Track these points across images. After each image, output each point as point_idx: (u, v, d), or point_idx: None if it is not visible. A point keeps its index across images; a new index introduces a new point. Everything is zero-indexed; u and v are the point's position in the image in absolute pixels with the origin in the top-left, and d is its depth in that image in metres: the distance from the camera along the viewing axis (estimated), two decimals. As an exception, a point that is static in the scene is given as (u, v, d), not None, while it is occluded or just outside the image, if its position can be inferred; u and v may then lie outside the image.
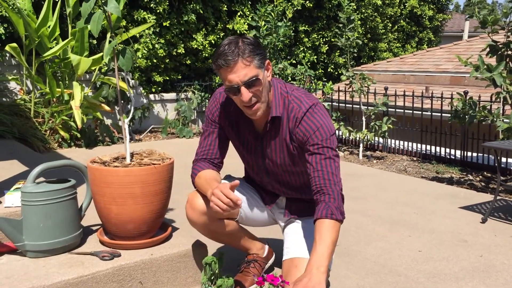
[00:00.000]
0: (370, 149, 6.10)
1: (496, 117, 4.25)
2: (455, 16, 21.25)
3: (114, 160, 2.11)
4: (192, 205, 2.05)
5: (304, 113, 1.91)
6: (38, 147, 5.34)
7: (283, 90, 1.97)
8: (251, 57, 1.79)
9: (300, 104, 1.93)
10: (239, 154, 2.18)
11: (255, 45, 1.82)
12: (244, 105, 1.85)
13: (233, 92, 1.83)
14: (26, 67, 5.69)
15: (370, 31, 10.42)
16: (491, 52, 4.31)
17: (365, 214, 3.43)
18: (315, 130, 1.88)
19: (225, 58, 1.77)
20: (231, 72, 1.79)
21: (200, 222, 2.06)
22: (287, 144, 1.99)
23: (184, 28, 7.65)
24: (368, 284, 2.34)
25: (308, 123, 1.90)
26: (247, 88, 1.80)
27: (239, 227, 2.21)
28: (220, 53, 1.79)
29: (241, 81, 1.79)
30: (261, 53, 1.83)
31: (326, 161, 1.85)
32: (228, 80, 1.81)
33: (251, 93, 1.81)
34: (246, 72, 1.78)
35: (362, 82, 5.76)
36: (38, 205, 1.93)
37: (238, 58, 1.77)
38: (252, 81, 1.80)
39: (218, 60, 1.79)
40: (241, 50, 1.78)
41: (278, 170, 2.09)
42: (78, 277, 1.83)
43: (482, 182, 4.52)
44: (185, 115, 7.24)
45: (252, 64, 1.79)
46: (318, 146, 1.87)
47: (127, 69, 2.05)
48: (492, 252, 2.75)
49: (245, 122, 2.04)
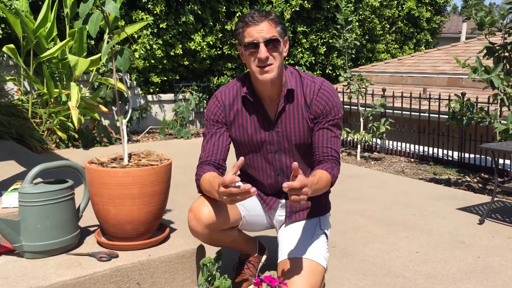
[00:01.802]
0: (368, 150, 6.11)
1: (494, 118, 4.25)
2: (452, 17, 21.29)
3: (112, 161, 2.11)
4: (196, 216, 1.99)
5: (320, 85, 2.06)
6: (35, 148, 5.33)
7: (293, 70, 2.10)
8: (275, 22, 1.95)
9: (314, 79, 2.08)
10: (242, 151, 2.14)
11: (280, 18, 1.99)
12: (258, 65, 1.93)
13: (252, 47, 1.92)
14: (23, 67, 5.68)
15: (368, 32, 10.44)
16: (488, 54, 4.32)
17: (363, 215, 3.43)
18: (334, 105, 2.04)
19: (253, 15, 1.92)
20: (255, 29, 1.91)
21: (204, 233, 2.01)
22: (304, 117, 2.05)
23: (182, 29, 7.65)
24: (366, 285, 2.34)
25: (326, 95, 2.05)
26: (266, 46, 1.91)
27: (239, 233, 2.21)
28: (247, 14, 1.95)
29: (263, 38, 1.90)
30: (284, 25, 1.99)
31: (334, 139, 2.04)
32: (250, 35, 1.92)
33: (268, 53, 1.92)
34: (268, 31, 1.91)
35: (360, 83, 5.77)
36: (36, 206, 1.93)
37: (265, 18, 1.93)
38: (272, 40, 1.91)
39: (245, 18, 1.94)
40: (267, 13, 1.95)
41: (291, 151, 2.08)
42: (75, 278, 1.83)
43: (479, 184, 4.52)
44: (183, 116, 7.24)
45: (275, 27, 1.94)
46: (332, 123, 2.04)
47: (124, 69, 2.05)
48: (490, 253, 2.75)
49: (256, 108, 2.06)
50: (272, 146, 2.08)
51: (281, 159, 2.10)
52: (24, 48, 5.72)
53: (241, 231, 2.24)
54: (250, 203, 2.17)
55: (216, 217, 1.97)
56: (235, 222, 2.10)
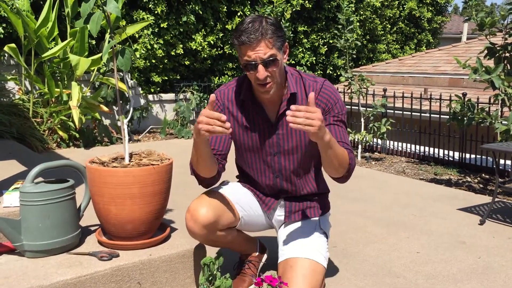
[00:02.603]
0: (368, 151, 6.10)
1: (495, 119, 4.25)
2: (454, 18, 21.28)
3: (113, 161, 2.11)
4: (194, 216, 1.98)
5: (321, 84, 2.05)
6: (36, 147, 5.33)
7: (294, 72, 2.08)
8: (273, 38, 1.86)
9: (315, 79, 2.07)
10: (242, 149, 2.14)
11: (277, 27, 1.89)
12: (258, 82, 1.91)
13: (250, 68, 1.88)
14: (24, 67, 5.68)
15: (369, 32, 10.43)
16: (489, 54, 4.31)
17: (363, 215, 3.43)
18: (336, 101, 2.04)
19: (248, 36, 1.83)
20: (252, 50, 1.85)
21: (202, 234, 2.01)
22: None
23: (183, 28, 7.66)
24: (367, 285, 2.34)
25: (328, 93, 2.04)
26: (264, 66, 1.87)
27: (237, 233, 2.20)
28: (243, 29, 1.85)
29: (260, 59, 1.85)
30: (282, 35, 1.91)
31: (343, 133, 2.03)
32: (247, 55, 1.86)
33: (267, 72, 1.87)
34: (266, 51, 1.85)
35: (361, 83, 5.77)
36: (37, 205, 1.93)
37: (261, 37, 1.84)
38: (270, 61, 1.87)
39: (241, 37, 1.85)
40: (264, 30, 1.84)
41: (292, 153, 2.07)
42: (76, 278, 1.83)
43: (480, 184, 4.52)
44: (184, 115, 7.24)
45: (273, 45, 1.86)
46: (337, 119, 2.03)
47: (126, 69, 2.04)
48: (490, 253, 2.75)
49: (256, 110, 2.05)
50: (272, 149, 2.08)
51: (280, 161, 2.10)
52: (25, 48, 5.72)
53: (240, 231, 2.23)
54: (248, 203, 2.17)
55: (213, 218, 1.97)
56: (233, 222, 2.09)
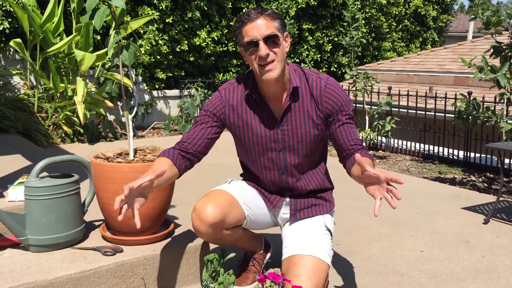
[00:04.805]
0: (373, 149, 6.09)
1: (500, 118, 4.24)
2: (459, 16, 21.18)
3: (118, 156, 2.11)
4: (200, 216, 1.97)
5: (326, 82, 2.02)
6: (41, 142, 5.34)
7: (296, 68, 2.07)
8: (272, 17, 1.90)
9: (319, 75, 2.05)
10: (245, 149, 2.13)
11: (277, 13, 1.94)
12: (260, 63, 1.90)
13: (251, 47, 1.88)
14: (30, 62, 5.69)
15: (374, 30, 10.40)
16: (495, 53, 4.30)
17: (367, 213, 3.42)
18: (344, 99, 2.02)
19: (249, 13, 1.88)
20: (252, 27, 1.87)
21: (208, 233, 2.00)
22: (310, 114, 2.02)
23: (188, 24, 7.65)
24: (370, 283, 2.34)
25: (334, 90, 2.02)
26: (266, 42, 1.87)
27: (243, 231, 2.20)
28: (243, 13, 1.92)
29: (261, 35, 1.86)
30: (282, 20, 1.94)
31: (355, 131, 2.03)
32: (248, 34, 1.88)
33: (268, 50, 1.87)
34: (266, 27, 1.87)
35: (366, 81, 5.76)
36: (42, 199, 1.93)
37: (261, 14, 1.88)
38: (271, 36, 1.87)
39: (241, 17, 1.91)
40: (263, 10, 1.91)
41: (297, 149, 2.06)
42: (80, 272, 1.84)
43: (484, 183, 4.51)
44: (188, 112, 7.25)
45: (273, 23, 1.89)
46: (348, 117, 2.02)
47: (129, 63, 2.05)
48: (494, 253, 2.74)
49: (260, 106, 2.04)
50: (277, 145, 2.08)
51: (285, 157, 2.09)
52: (30, 43, 5.73)
53: (245, 229, 2.23)
54: (254, 202, 2.16)
55: (220, 217, 1.96)
56: (239, 221, 2.09)
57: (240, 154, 2.21)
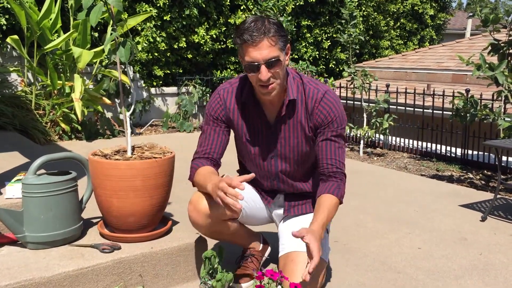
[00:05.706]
0: (370, 146, 6.10)
1: (498, 115, 4.24)
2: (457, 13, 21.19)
3: (115, 153, 2.11)
4: (196, 207, 1.99)
5: (323, 94, 1.98)
6: (38, 139, 5.33)
7: (295, 75, 2.03)
8: (276, 37, 1.82)
9: (317, 87, 2.00)
10: (241, 148, 2.15)
11: (280, 27, 1.86)
12: (260, 84, 1.87)
13: (252, 69, 1.85)
14: (27, 59, 5.68)
15: (372, 28, 10.40)
16: (493, 50, 4.30)
17: (365, 211, 3.43)
18: (336, 116, 1.98)
19: (251, 34, 1.79)
20: (255, 49, 1.81)
21: (204, 224, 2.01)
22: (303, 126, 2.01)
23: (185, 22, 7.64)
24: (368, 280, 2.34)
25: (329, 105, 1.98)
26: (267, 67, 1.83)
27: (239, 226, 2.20)
28: (245, 28, 1.81)
29: (263, 60, 1.81)
30: (285, 35, 1.87)
31: (339, 150, 1.99)
32: (250, 56, 1.82)
33: (270, 73, 1.84)
34: (269, 51, 1.81)
35: (364, 78, 5.76)
36: (39, 196, 1.93)
37: (264, 36, 1.80)
38: (273, 61, 1.83)
39: (244, 35, 1.81)
40: (267, 29, 1.81)
41: (288, 157, 2.07)
42: (78, 269, 1.84)
43: (482, 181, 4.52)
44: (186, 109, 7.24)
45: (276, 44, 1.83)
46: (336, 133, 1.98)
47: (125, 60, 2.04)
48: (492, 250, 2.75)
49: (256, 112, 2.04)
50: (269, 151, 2.08)
51: (277, 164, 2.10)
52: (28, 40, 5.71)
53: (242, 224, 2.24)
54: (250, 196, 2.18)
55: (215, 207, 1.97)
56: (235, 213, 2.09)
57: (238, 154, 2.23)
